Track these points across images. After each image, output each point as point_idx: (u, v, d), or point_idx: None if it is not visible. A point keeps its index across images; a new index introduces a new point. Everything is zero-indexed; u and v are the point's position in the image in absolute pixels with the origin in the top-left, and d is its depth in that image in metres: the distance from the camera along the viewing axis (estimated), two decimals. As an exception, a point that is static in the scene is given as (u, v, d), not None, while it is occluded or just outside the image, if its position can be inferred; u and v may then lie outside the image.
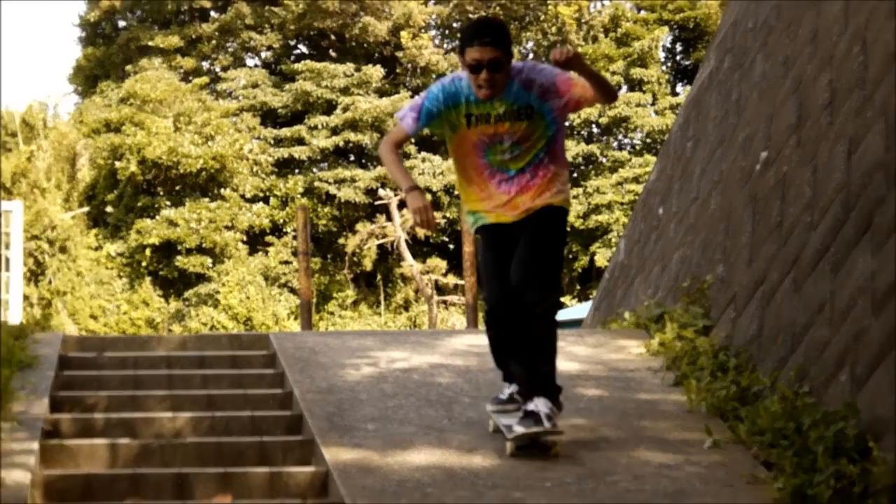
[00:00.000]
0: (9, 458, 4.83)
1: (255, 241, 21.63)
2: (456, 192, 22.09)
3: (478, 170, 5.13)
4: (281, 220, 21.47)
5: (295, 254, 17.40)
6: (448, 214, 21.40)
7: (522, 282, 4.90)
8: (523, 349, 4.93)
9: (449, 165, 22.26)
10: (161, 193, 21.20)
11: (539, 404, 4.77)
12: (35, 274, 17.41)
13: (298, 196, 21.57)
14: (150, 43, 24.08)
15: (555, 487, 4.74)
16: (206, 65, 24.55)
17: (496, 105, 4.96)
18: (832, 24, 6.88)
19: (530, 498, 4.63)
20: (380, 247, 21.78)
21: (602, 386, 6.03)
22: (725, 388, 5.71)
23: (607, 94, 5.27)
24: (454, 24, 24.91)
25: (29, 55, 46.69)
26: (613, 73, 23.60)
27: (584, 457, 5.03)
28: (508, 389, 5.19)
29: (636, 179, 22.37)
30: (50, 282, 18.32)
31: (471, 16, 24.14)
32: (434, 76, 23.94)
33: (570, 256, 24.21)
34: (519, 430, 4.74)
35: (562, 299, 5.63)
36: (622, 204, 22.19)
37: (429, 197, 5.24)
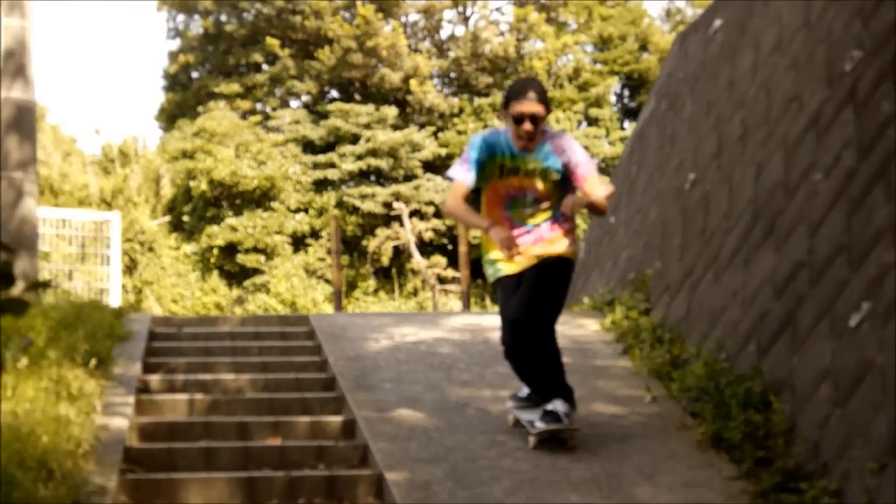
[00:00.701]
0: (111, 408, 4.88)
1: (298, 242, 21.54)
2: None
3: (500, 221, 4.51)
4: (317, 227, 21.40)
5: (329, 252, 17.40)
6: (447, 222, 21.32)
7: (524, 318, 4.37)
8: (536, 367, 4.48)
9: (447, 185, 22.27)
10: (225, 206, 21.15)
11: (557, 405, 4.39)
12: (129, 268, 17.40)
13: (331, 208, 21.49)
14: (216, 89, 24.01)
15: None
16: (259, 106, 24.42)
17: (528, 160, 4.47)
18: (744, 75, 6.92)
19: (511, 441, 4.65)
20: (394, 247, 21.67)
21: (567, 354, 6.04)
22: (661, 356, 5.72)
23: (598, 213, 4.95)
24: (451, 74, 24.83)
25: (125, 100, 46.62)
26: (575, 111, 23.49)
27: (551, 408, 5.04)
28: (526, 389, 4.71)
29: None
30: (140, 274, 18.30)
31: (465, 68, 24.07)
32: (436, 114, 23.63)
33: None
34: (541, 426, 4.35)
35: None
36: (582, 214, 22.12)
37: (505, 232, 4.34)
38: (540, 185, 4.50)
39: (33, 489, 3.55)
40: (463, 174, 4.55)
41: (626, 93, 25.99)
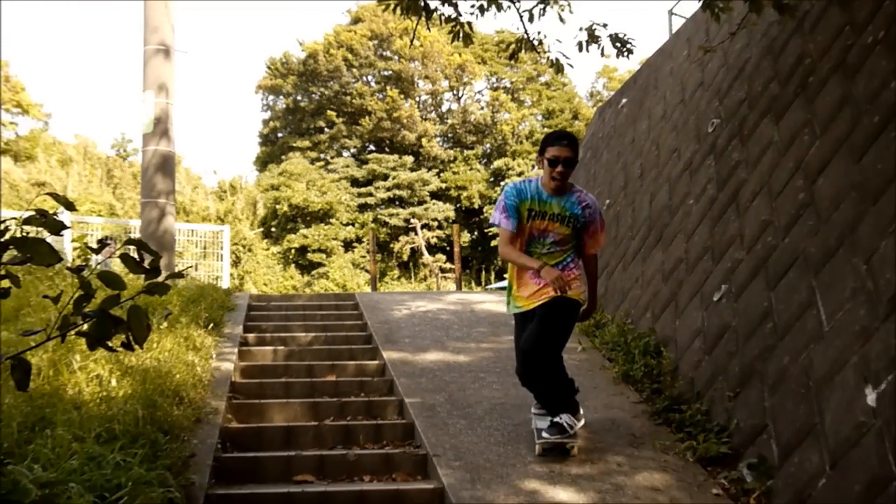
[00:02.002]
0: (222, 356, 4.89)
1: (347, 246, 21.55)
2: (453, 219, 22.00)
3: None
4: (360, 235, 21.38)
5: (367, 252, 17.38)
6: (447, 232, 21.36)
7: (532, 350, 3.46)
8: (545, 389, 3.60)
9: (446, 207, 22.38)
10: (299, 221, 21.18)
11: (563, 418, 3.52)
12: (235, 262, 17.35)
13: (369, 223, 21.51)
14: (294, 144, 24.08)
15: (501, 371, 4.73)
16: (321, 155, 24.51)
17: (554, 205, 3.53)
18: (641, 134, 6.92)
19: (489, 378, 4.63)
20: (411, 248, 21.69)
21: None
22: (589, 321, 5.64)
23: (588, 281, 3.79)
24: (448, 134, 24.90)
25: (233, 150, 46.62)
26: (529, 159, 23.24)
27: (512, 356, 4.92)
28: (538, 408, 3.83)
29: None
30: (242, 266, 18.31)
31: (457, 130, 24.17)
32: (438, 161, 23.51)
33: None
34: (546, 436, 3.51)
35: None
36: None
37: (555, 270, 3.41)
38: (562, 229, 3.55)
39: (169, 410, 3.53)
40: (507, 222, 3.58)
41: (564, 147, 26.01)
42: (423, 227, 21.40)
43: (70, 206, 1.83)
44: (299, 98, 24.96)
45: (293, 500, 3.18)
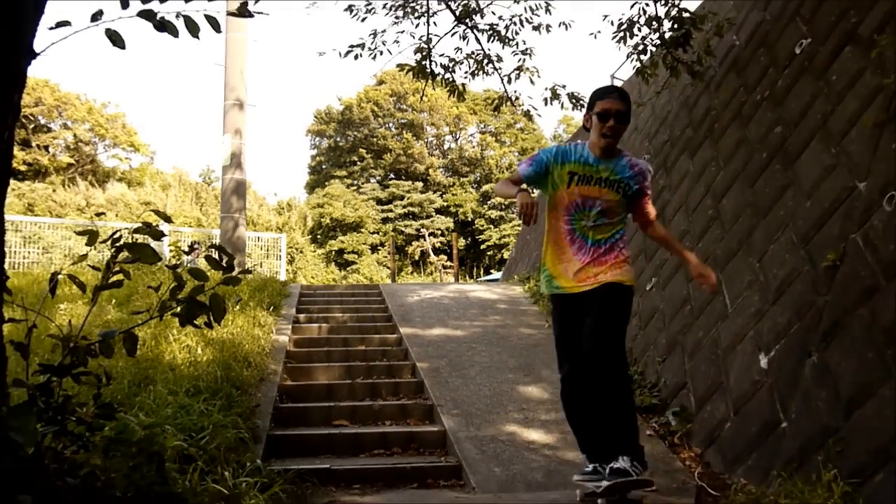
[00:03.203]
0: (280, 330, 4.81)
1: (374, 249, 21.45)
2: (452, 229, 21.09)
3: (562, 233, 2.32)
4: (383, 241, 21.36)
5: (388, 254, 17.32)
6: (447, 239, 21.29)
7: (593, 352, 2.15)
8: (601, 418, 2.17)
9: (447, 220, 22.36)
10: (338, 230, 21.12)
11: (623, 461, 2.11)
12: (290, 261, 17.29)
13: (390, 231, 21.48)
14: (334, 173, 23.98)
15: (488, 342, 4.61)
16: (355, 182, 24.44)
17: (601, 169, 2.26)
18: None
19: (479, 347, 4.46)
20: (421, 251, 21.65)
21: (506, 304, 6.07)
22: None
23: (666, 247, 2.59)
24: (449, 166, 24.83)
25: (290, 179, 46.49)
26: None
27: (497, 332, 4.93)
28: (590, 465, 2.30)
29: (519, 225, 22.22)
30: (295, 264, 18.29)
31: (455, 163, 24.18)
32: (441, 186, 23.14)
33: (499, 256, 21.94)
34: (606, 483, 2.12)
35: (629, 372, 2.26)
36: (514, 235, 22.03)
37: (534, 195, 2.09)
38: (610, 195, 2.26)
39: (240, 371, 3.50)
40: (524, 167, 2.37)
41: (534, 175, 25.89)
42: (429, 235, 21.43)
43: (167, 220, 1.83)
44: (338, 139, 24.98)
45: (332, 439, 3.15)
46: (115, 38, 1.43)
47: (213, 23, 1.48)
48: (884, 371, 2.06)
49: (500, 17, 5.43)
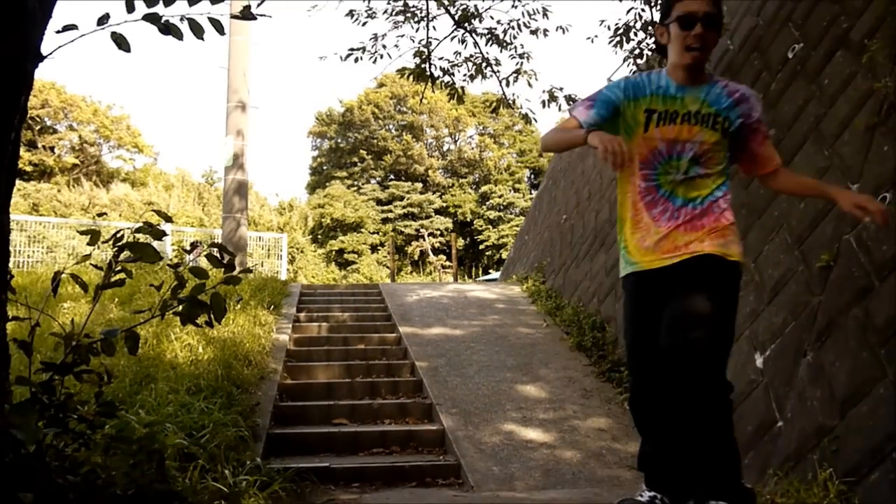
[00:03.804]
0: (280, 329, 4.79)
1: (373, 249, 21.42)
2: (451, 229, 21.17)
3: (639, 193, 1.54)
4: (383, 241, 21.30)
5: (388, 253, 17.32)
6: (446, 239, 21.29)
7: (678, 351, 1.36)
8: (685, 443, 1.39)
9: (446, 221, 22.32)
10: (338, 230, 21.09)
11: None
12: (291, 261, 17.22)
13: (390, 231, 21.44)
14: (335, 174, 23.90)
15: (486, 342, 4.61)
16: (356, 182, 24.42)
17: (688, 101, 1.50)
18: (589, 168, 6.85)
19: (477, 346, 4.53)
20: (420, 251, 21.61)
21: (504, 304, 6.08)
22: (551, 304, 5.62)
23: (806, 194, 1.98)
24: (447, 168, 24.81)
25: (291, 179, 46.44)
26: (508, 186, 23.33)
27: (495, 331, 4.93)
28: (648, 493, 1.56)
29: (517, 225, 22.27)
30: (296, 264, 18.26)
31: (454, 164, 24.13)
32: (440, 187, 22.97)
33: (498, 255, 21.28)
34: None
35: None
36: (512, 235, 22.03)
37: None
38: (705, 136, 1.52)
39: (241, 370, 3.49)
40: (581, 111, 1.57)
41: (533, 177, 25.92)
42: (429, 235, 21.41)
43: (169, 219, 1.82)
44: (339, 141, 24.95)
45: (332, 437, 3.14)
46: (121, 42, 1.43)
47: (217, 26, 1.48)
48: (878, 370, 2.05)
49: (498, 22, 5.47)
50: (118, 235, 1.51)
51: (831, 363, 2.28)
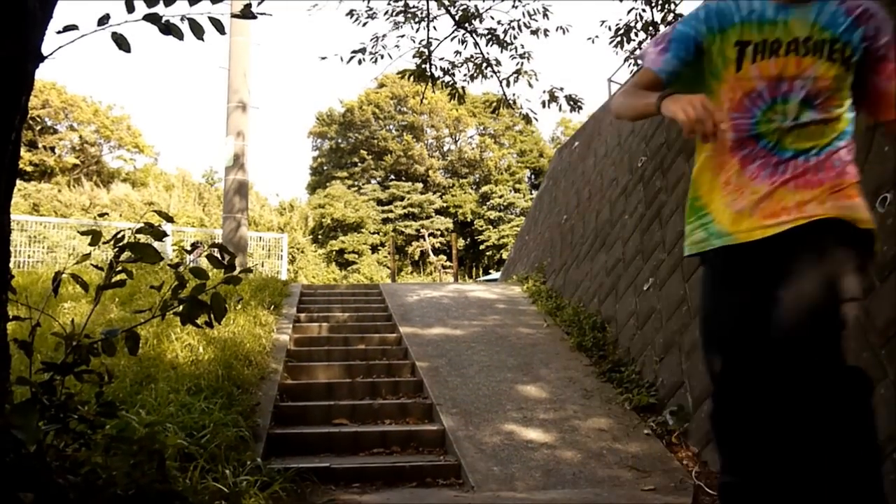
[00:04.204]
0: (281, 329, 4.78)
1: (374, 249, 21.40)
2: (451, 229, 22.08)
3: (731, 149, 1.06)
4: (384, 241, 21.30)
5: (389, 254, 17.29)
6: (447, 239, 21.26)
7: (799, 344, 0.86)
8: (803, 478, 0.84)
9: (447, 221, 22.31)
10: (339, 231, 21.09)
11: None
12: (291, 261, 17.18)
13: (390, 232, 21.43)
14: (335, 174, 23.90)
15: (487, 342, 4.59)
16: (356, 183, 24.42)
17: (794, 25, 1.01)
18: (589, 168, 6.87)
19: (477, 346, 4.48)
20: (421, 251, 21.59)
21: (505, 304, 6.04)
22: (551, 304, 5.59)
23: None
24: (448, 168, 24.78)
25: (291, 179, 46.41)
26: (508, 186, 23.28)
27: (495, 331, 4.92)
28: None
29: (517, 226, 22.27)
30: (296, 264, 18.24)
31: (455, 164, 24.12)
32: (441, 187, 22.85)
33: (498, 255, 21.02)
34: None
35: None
36: (513, 235, 22.03)
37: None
38: (820, 70, 1.03)
39: (241, 370, 3.49)
40: (654, 55, 1.13)
41: (533, 177, 25.94)
42: (429, 235, 21.42)
43: (170, 220, 1.83)
44: (340, 141, 24.97)
45: (332, 437, 3.13)
46: (121, 42, 1.43)
47: (218, 25, 1.48)
48: (879, 370, 2.05)
49: (498, 22, 5.48)
50: (119, 236, 1.51)
51: (832, 363, 2.28)
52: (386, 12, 5.32)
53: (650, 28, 4.80)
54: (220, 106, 23.15)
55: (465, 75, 5.46)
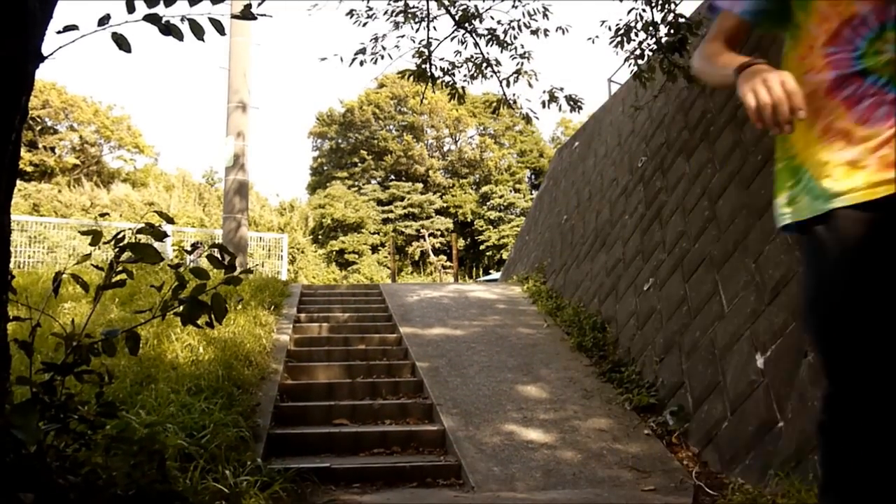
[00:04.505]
0: (281, 330, 4.78)
1: (374, 249, 21.40)
2: (452, 229, 22.29)
3: (830, 90, 0.80)
4: (384, 241, 21.30)
5: (389, 254, 17.28)
6: (447, 239, 21.23)
7: None
8: None
9: (447, 221, 22.32)
10: (339, 231, 21.08)
11: None
12: (291, 261, 17.16)
13: (390, 232, 21.42)
14: (335, 175, 23.86)
15: (487, 342, 4.59)
16: (356, 183, 24.41)
17: None
18: (589, 168, 6.88)
19: (477, 347, 4.47)
20: (421, 251, 21.58)
21: (505, 304, 6.04)
22: (552, 305, 5.59)
23: None
24: (448, 168, 24.77)
25: (292, 179, 46.42)
26: (508, 186, 23.26)
27: (495, 331, 4.93)
28: None
29: (517, 226, 22.27)
30: (297, 264, 18.21)
31: (455, 164, 24.13)
32: (441, 187, 22.84)
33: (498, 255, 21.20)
34: None
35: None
36: (513, 235, 22.02)
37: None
38: None
39: (242, 370, 3.49)
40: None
41: (534, 177, 25.93)
42: (429, 235, 21.42)
43: (170, 220, 1.82)
44: (340, 141, 24.98)
45: (333, 438, 3.13)
46: (122, 42, 1.43)
47: (218, 26, 1.48)
48: (878, 371, 2.05)
49: (498, 22, 5.48)
50: (119, 236, 1.51)
51: (832, 363, 2.28)
52: (386, 12, 5.32)
53: (650, 28, 4.81)
54: (220, 106, 23.14)
55: (465, 75, 5.45)
